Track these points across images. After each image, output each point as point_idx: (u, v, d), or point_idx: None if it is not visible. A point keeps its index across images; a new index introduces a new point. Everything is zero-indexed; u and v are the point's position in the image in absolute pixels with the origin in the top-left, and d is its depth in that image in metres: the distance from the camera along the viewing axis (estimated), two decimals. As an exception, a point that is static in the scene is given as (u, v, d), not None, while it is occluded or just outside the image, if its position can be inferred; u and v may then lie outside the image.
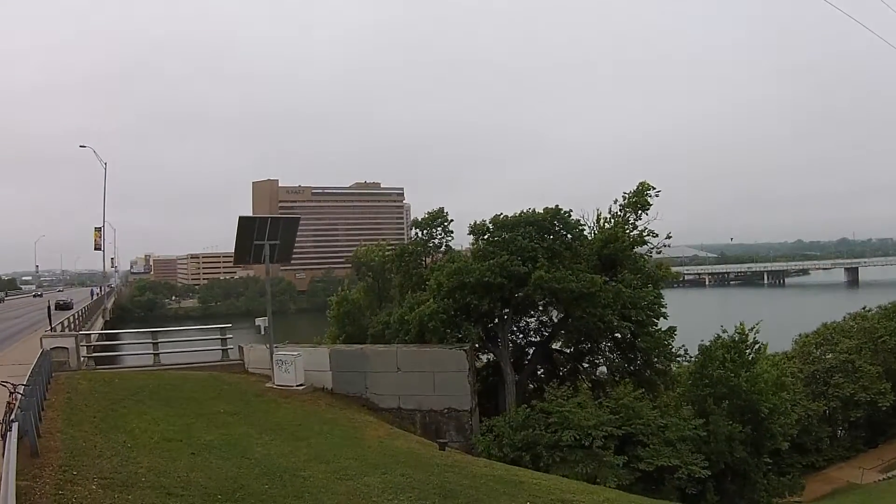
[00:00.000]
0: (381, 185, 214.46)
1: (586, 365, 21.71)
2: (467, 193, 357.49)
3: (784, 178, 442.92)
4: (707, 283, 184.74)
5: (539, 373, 22.28)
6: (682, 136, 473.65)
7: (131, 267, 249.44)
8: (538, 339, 22.32)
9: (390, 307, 24.73)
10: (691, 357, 22.02)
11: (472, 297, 18.77)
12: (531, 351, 22.44)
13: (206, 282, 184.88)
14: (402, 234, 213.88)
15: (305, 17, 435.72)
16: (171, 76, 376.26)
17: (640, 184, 21.84)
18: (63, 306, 51.54)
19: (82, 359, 20.73)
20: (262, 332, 19.55)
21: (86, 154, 51.48)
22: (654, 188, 21.87)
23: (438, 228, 24.06)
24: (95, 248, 70.38)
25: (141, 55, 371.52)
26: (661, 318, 20.59)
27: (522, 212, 20.76)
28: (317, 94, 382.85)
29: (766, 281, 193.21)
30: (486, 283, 18.54)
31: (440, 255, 23.99)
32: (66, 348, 20.50)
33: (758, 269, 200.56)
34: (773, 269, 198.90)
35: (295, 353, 18.06)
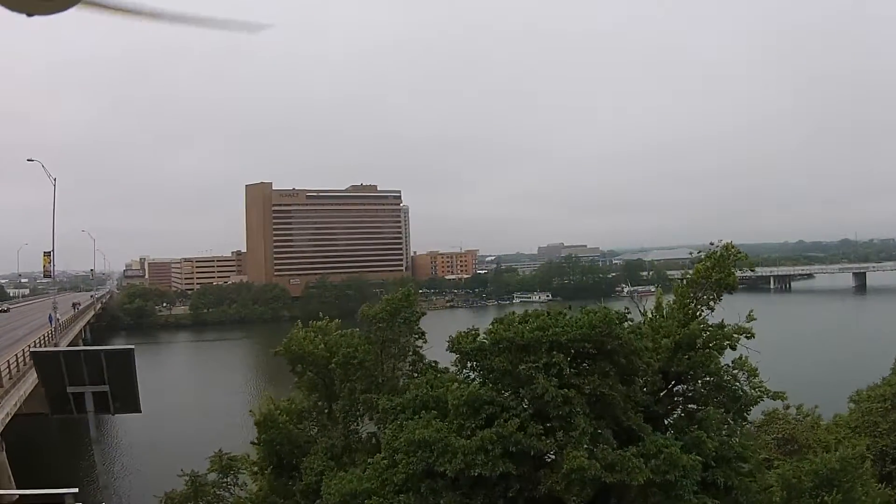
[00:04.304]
0: (378, 188, 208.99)
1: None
2: (468, 194, 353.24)
3: (785, 178, 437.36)
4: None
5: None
6: (682, 136, 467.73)
7: (126, 269, 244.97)
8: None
9: (343, 406, 18.33)
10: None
11: (449, 496, 11.06)
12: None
13: (199, 286, 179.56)
14: (400, 237, 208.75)
15: (306, 19, 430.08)
16: (168, 77, 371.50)
17: (725, 248, 14.57)
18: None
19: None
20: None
21: (79, 154, 47.73)
22: (742, 253, 14.80)
23: (402, 326, 17.33)
24: (45, 276, 65.35)
25: (140, 57, 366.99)
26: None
27: (543, 318, 12.55)
28: (316, 97, 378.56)
29: (771, 286, 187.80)
30: (478, 476, 10.78)
31: (405, 363, 18.00)
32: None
33: (763, 274, 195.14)
34: (778, 273, 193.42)
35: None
